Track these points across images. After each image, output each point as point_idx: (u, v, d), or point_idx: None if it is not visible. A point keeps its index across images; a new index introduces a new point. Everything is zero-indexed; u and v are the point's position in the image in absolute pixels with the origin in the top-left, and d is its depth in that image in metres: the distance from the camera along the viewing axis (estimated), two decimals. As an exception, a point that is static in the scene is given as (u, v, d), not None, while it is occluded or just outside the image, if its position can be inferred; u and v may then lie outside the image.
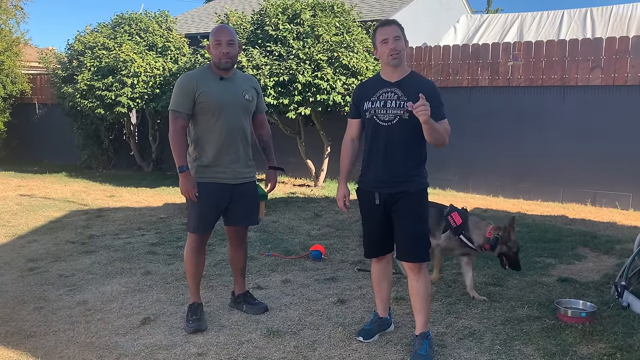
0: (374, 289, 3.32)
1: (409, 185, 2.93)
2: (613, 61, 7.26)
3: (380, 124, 2.93)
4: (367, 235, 3.14)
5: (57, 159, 12.05)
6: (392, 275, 3.33)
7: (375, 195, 2.98)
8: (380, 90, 2.96)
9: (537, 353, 3.00)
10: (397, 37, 2.90)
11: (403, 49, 2.92)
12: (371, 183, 3.01)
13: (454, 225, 3.86)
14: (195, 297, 3.45)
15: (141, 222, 6.31)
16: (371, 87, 3.02)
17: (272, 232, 5.74)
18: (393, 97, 2.90)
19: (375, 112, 2.94)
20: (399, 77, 2.94)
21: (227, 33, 3.29)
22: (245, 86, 3.38)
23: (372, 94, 2.97)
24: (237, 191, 3.36)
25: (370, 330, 3.23)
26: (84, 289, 4.07)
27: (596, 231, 5.86)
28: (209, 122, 3.26)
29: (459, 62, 8.32)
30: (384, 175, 2.95)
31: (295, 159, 9.08)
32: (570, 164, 7.55)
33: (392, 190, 2.94)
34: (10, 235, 5.69)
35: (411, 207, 2.94)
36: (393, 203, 2.96)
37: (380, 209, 2.99)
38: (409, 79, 2.94)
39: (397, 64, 2.92)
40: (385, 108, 2.91)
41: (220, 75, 3.30)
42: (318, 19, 7.77)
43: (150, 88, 9.03)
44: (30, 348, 3.12)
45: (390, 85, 2.93)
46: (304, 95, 7.39)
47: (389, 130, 2.91)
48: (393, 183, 2.94)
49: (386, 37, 2.90)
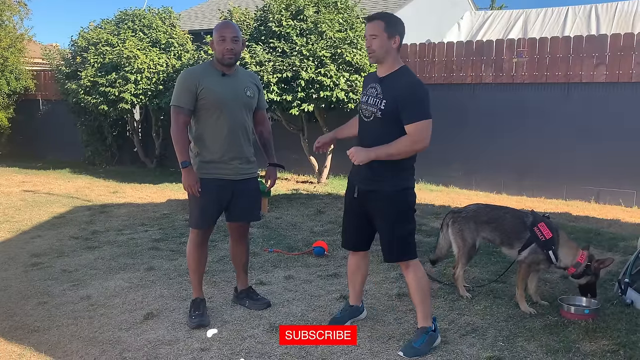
0: (348, 279, 3.41)
1: (382, 185, 2.92)
2: (618, 58, 7.22)
3: (363, 120, 3.01)
4: (345, 225, 3.24)
5: (60, 155, 12.07)
6: (367, 269, 3.38)
7: (355, 189, 3.06)
8: (369, 85, 3.01)
9: (540, 350, 3.00)
10: (373, 36, 2.86)
11: (380, 46, 2.85)
12: (353, 176, 3.11)
13: (542, 239, 3.49)
14: (197, 293, 3.46)
15: (144, 218, 6.32)
16: (367, 81, 3.08)
17: (275, 229, 5.74)
18: (373, 94, 2.94)
19: (361, 107, 3.02)
20: (385, 73, 2.93)
21: (231, 29, 3.28)
22: (246, 82, 3.37)
23: (365, 88, 3.04)
24: (238, 187, 3.36)
25: (341, 318, 3.31)
26: (87, 284, 4.08)
27: (600, 228, 5.84)
28: (211, 118, 3.26)
29: (462, 59, 8.29)
30: (360, 170, 3.00)
31: (298, 156, 9.07)
32: (574, 161, 7.52)
33: (366, 187, 2.99)
34: (14, 231, 5.71)
35: (385, 207, 2.94)
36: (368, 200, 2.99)
37: (358, 203, 3.06)
38: (392, 76, 2.90)
39: (373, 62, 2.97)
40: (367, 104, 2.96)
41: (222, 72, 3.30)
42: (321, 15, 7.76)
43: (153, 84, 9.03)
44: (34, 343, 3.14)
45: (376, 81, 2.96)
46: (307, 92, 7.38)
47: (367, 127, 2.97)
48: (367, 180, 2.98)
49: (365, 34, 2.94)
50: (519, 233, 3.60)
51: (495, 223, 3.73)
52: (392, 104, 2.83)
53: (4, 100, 11.73)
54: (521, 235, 3.59)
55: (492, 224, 3.74)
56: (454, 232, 3.80)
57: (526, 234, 3.57)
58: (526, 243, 3.56)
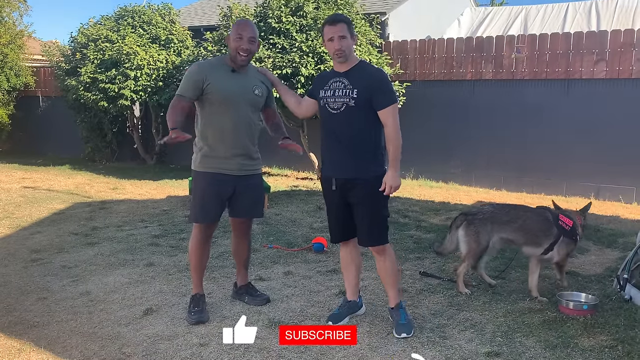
0: (342, 272, 3.45)
1: (362, 172, 3.07)
2: (618, 54, 7.21)
3: (331, 112, 3.11)
4: (330, 220, 3.31)
5: (60, 152, 12.08)
6: (360, 259, 3.44)
7: (332, 181, 3.15)
8: (330, 80, 3.14)
9: (538, 345, 3.01)
10: (342, 37, 3.04)
11: (348, 46, 3.06)
12: (329, 169, 3.19)
13: (568, 229, 3.66)
14: (197, 289, 3.46)
15: (144, 215, 6.32)
16: (326, 78, 3.21)
17: (275, 225, 5.75)
18: (340, 87, 3.09)
19: (326, 100, 3.12)
20: (347, 68, 3.11)
21: (250, 29, 3.28)
22: (256, 81, 3.36)
23: (325, 84, 3.16)
24: (241, 183, 3.36)
25: (340, 314, 3.34)
26: (86, 280, 4.09)
27: (599, 224, 5.84)
28: (215, 113, 3.26)
29: (462, 55, 8.28)
30: (338, 161, 3.13)
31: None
32: (574, 158, 7.52)
33: (346, 176, 3.10)
34: (14, 227, 5.72)
35: (366, 194, 3.08)
36: (348, 189, 3.11)
37: (337, 195, 3.16)
38: (356, 68, 3.10)
39: (342, 62, 3.11)
40: (334, 97, 3.09)
41: (233, 68, 3.29)
42: (321, 11, 7.74)
43: (153, 81, 9.03)
44: (34, 338, 3.14)
45: (339, 76, 3.11)
46: (307, 88, 7.37)
47: (338, 118, 3.08)
48: (346, 169, 3.09)
49: (332, 35, 3.06)
50: (547, 230, 3.67)
51: (518, 223, 3.74)
52: (364, 92, 3.03)
53: (3, 97, 11.74)
54: (549, 232, 3.66)
55: (514, 224, 3.74)
56: (468, 234, 3.75)
57: (553, 229, 3.65)
58: (556, 239, 3.63)
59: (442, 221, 5.96)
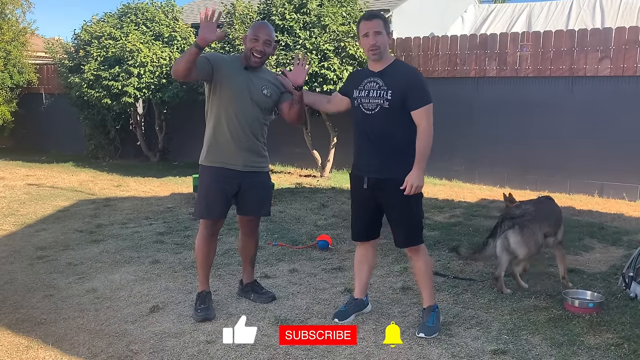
0: (354, 271, 3.44)
1: (395, 172, 3.04)
2: (622, 51, 7.19)
3: (365, 113, 3.08)
4: (355, 218, 3.31)
5: (64, 149, 12.09)
6: (374, 261, 3.44)
7: (364, 180, 3.13)
8: (364, 80, 3.11)
9: (544, 343, 3.01)
10: (378, 32, 3.01)
11: (384, 43, 3.04)
12: (361, 168, 3.19)
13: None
14: (203, 286, 3.47)
15: (148, 212, 6.34)
16: (359, 77, 3.18)
17: (279, 222, 5.76)
18: (375, 87, 3.05)
19: (361, 100, 3.09)
20: (382, 67, 3.08)
21: (267, 32, 3.30)
22: (266, 82, 3.36)
23: (359, 83, 3.13)
24: (246, 180, 3.36)
25: (346, 311, 3.33)
26: (92, 277, 4.10)
27: (603, 222, 5.84)
28: (222, 107, 3.28)
29: (466, 53, 8.26)
30: (371, 161, 3.11)
31: (302, 150, 9.08)
32: (577, 155, 7.51)
33: (379, 175, 3.08)
34: (19, 224, 5.74)
35: (399, 195, 3.03)
36: (380, 189, 3.09)
37: (368, 194, 3.14)
38: (390, 68, 3.07)
39: (377, 59, 3.08)
40: (368, 97, 3.06)
41: (245, 66, 3.31)
42: (325, 8, 7.73)
43: (156, 78, 9.02)
44: (41, 335, 3.16)
45: (374, 75, 3.08)
46: (310, 86, 7.36)
47: (372, 119, 3.06)
48: (379, 169, 3.07)
49: (367, 31, 3.03)
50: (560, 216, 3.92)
51: (552, 217, 3.87)
52: (399, 93, 2.99)
53: (7, 94, 11.75)
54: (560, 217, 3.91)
55: (551, 219, 3.85)
56: (526, 237, 3.68)
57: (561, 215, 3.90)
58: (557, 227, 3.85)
59: (445, 219, 5.96)
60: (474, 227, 5.50)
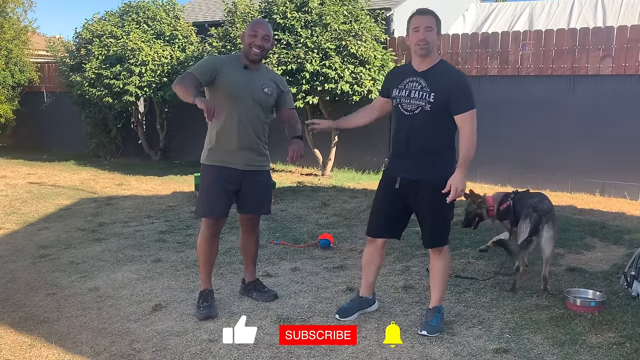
0: (362, 269, 3.40)
1: (429, 175, 2.99)
2: (624, 50, 7.18)
3: (404, 113, 3.00)
4: (376, 214, 3.24)
5: (65, 147, 12.11)
6: (382, 261, 3.40)
7: (396, 180, 3.06)
8: (407, 79, 3.01)
9: (546, 342, 3.01)
10: (429, 28, 2.91)
11: (433, 40, 2.94)
12: (395, 167, 3.12)
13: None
14: (206, 284, 3.47)
15: (150, 210, 6.35)
16: (401, 75, 3.08)
17: (281, 221, 5.76)
18: (417, 87, 2.96)
19: (400, 100, 3.01)
20: (427, 67, 2.98)
21: (265, 28, 3.32)
22: (266, 80, 3.37)
23: (400, 82, 3.03)
24: (248, 178, 3.37)
25: (349, 308, 3.30)
26: (95, 276, 4.11)
27: (605, 221, 5.84)
28: (224, 107, 3.26)
29: (468, 51, 8.26)
30: (406, 162, 3.05)
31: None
32: (579, 154, 7.51)
33: (412, 176, 3.02)
34: (21, 223, 5.74)
35: (430, 197, 3.00)
36: (412, 190, 3.03)
37: (398, 193, 3.08)
38: (435, 69, 2.97)
39: (424, 55, 2.96)
40: (409, 98, 2.97)
41: (245, 65, 3.31)
42: (326, 7, 7.73)
43: (158, 77, 9.04)
44: (44, 333, 3.17)
45: (417, 75, 2.98)
46: (311, 84, 7.38)
47: (411, 120, 2.98)
48: (414, 170, 3.02)
49: (418, 25, 2.93)
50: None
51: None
52: (442, 96, 2.92)
53: (8, 92, 11.76)
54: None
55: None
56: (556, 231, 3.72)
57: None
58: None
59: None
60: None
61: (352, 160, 8.97)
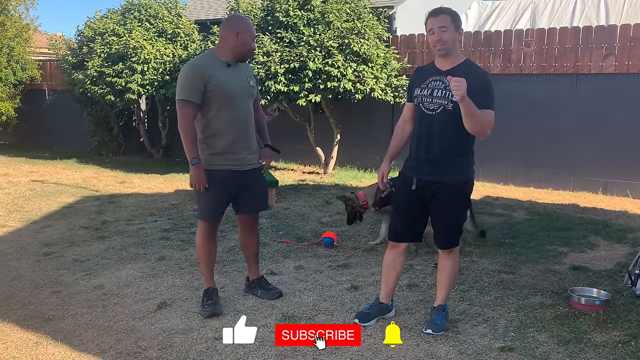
0: (382, 274, 3.33)
1: (447, 176, 2.96)
2: (627, 49, 7.17)
3: (425, 112, 2.96)
4: (397, 218, 3.20)
5: (67, 145, 12.11)
6: (403, 267, 3.31)
7: (413, 181, 3.03)
8: (430, 78, 2.97)
9: (551, 340, 3.02)
10: (443, 28, 2.87)
11: (451, 38, 2.89)
12: (412, 169, 3.08)
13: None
14: (209, 283, 3.47)
15: (153, 208, 6.35)
16: (424, 74, 3.04)
17: (284, 219, 5.76)
18: (440, 87, 2.92)
19: (422, 99, 2.97)
20: (450, 65, 2.93)
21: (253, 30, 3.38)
22: (248, 72, 3.42)
23: (423, 81, 2.99)
24: (247, 177, 3.38)
25: (369, 314, 3.26)
26: (99, 274, 4.12)
27: (608, 220, 5.84)
28: (220, 109, 3.24)
29: (470, 50, 8.25)
30: (424, 163, 3.00)
31: (305, 146, 9.08)
32: (581, 153, 7.50)
33: (429, 178, 2.98)
34: (25, 221, 5.75)
35: (447, 198, 2.99)
36: (429, 192, 3.00)
37: (416, 195, 3.04)
38: (459, 69, 2.90)
39: (444, 54, 2.93)
40: (431, 97, 2.94)
41: (227, 62, 3.28)
42: (329, 5, 7.72)
43: (160, 75, 9.03)
44: (50, 331, 3.17)
45: (440, 74, 2.94)
46: (314, 82, 7.37)
47: (432, 119, 2.94)
48: (431, 171, 2.98)
49: (432, 27, 2.91)
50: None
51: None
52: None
53: (10, 90, 11.75)
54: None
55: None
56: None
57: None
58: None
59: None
60: (477, 225, 5.48)
61: (354, 159, 8.96)
